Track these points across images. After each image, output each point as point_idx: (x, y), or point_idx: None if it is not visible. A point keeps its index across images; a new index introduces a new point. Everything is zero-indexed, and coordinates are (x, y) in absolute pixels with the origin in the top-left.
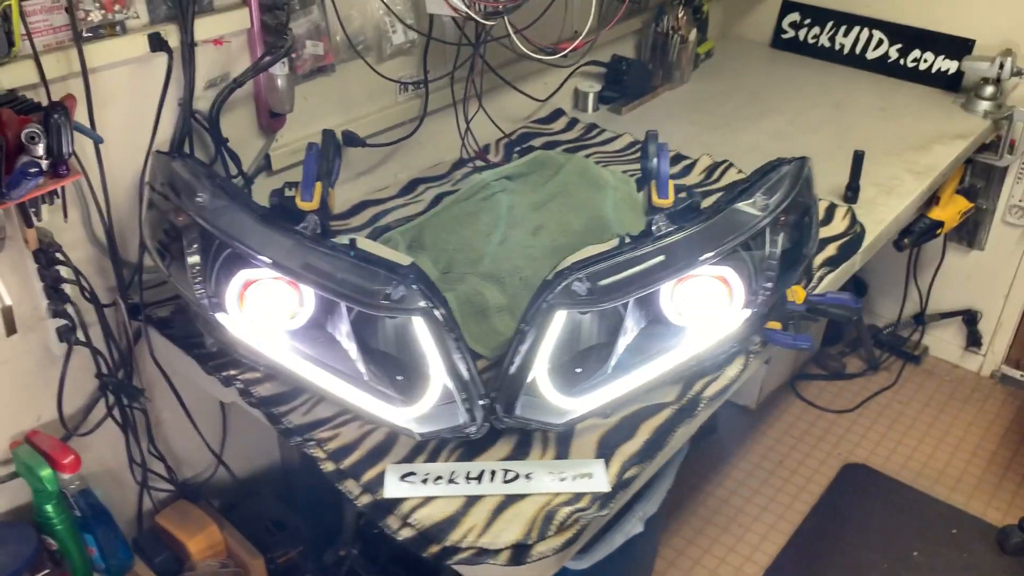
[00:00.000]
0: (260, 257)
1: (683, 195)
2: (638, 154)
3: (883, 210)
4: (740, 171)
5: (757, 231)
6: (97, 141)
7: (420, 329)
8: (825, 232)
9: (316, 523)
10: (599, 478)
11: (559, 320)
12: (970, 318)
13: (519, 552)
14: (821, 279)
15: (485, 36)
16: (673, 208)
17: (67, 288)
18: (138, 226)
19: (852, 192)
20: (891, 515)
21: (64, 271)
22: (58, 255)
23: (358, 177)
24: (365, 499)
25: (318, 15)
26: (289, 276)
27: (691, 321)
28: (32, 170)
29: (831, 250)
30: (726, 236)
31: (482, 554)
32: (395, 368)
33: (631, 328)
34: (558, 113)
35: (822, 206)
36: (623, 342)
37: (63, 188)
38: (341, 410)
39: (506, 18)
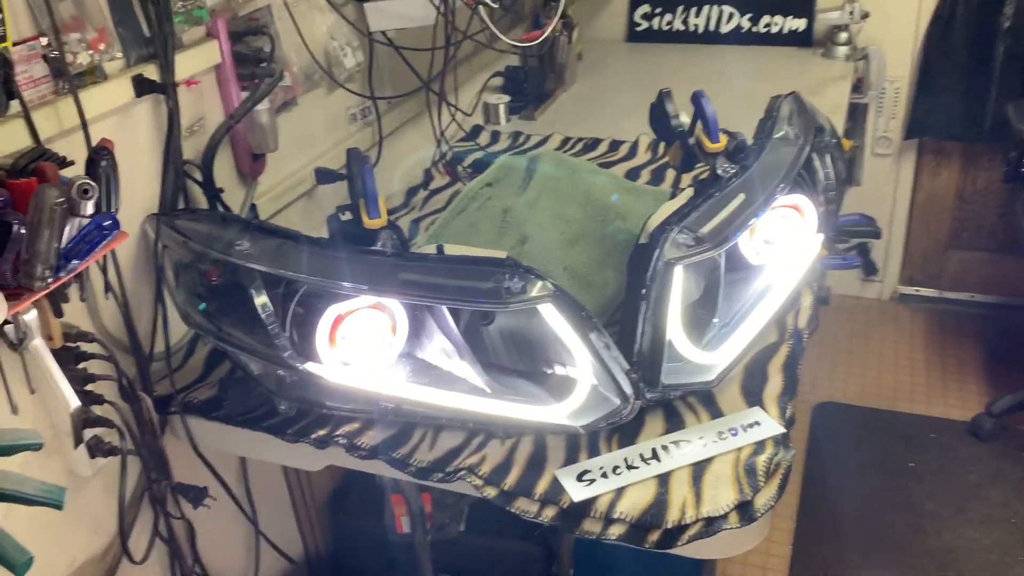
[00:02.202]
0: (354, 285)
1: (728, 138)
2: (576, 149)
3: None
4: None
5: (807, 156)
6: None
7: (550, 316)
8: None
9: None
10: (767, 423)
11: (679, 276)
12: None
13: (745, 510)
14: None
15: (459, 40)
16: (727, 149)
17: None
18: (154, 301)
19: None
20: (875, 437)
21: (97, 366)
22: (87, 347)
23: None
24: (550, 512)
25: (275, 44)
26: (396, 296)
27: (769, 258)
28: (107, 223)
29: None
30: (784, 165)
31: (712, 523)
32: (509, 374)
33: (723, 278)
34: (478, 129)
35: None
36: (722, 291)
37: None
38: (469, 435)
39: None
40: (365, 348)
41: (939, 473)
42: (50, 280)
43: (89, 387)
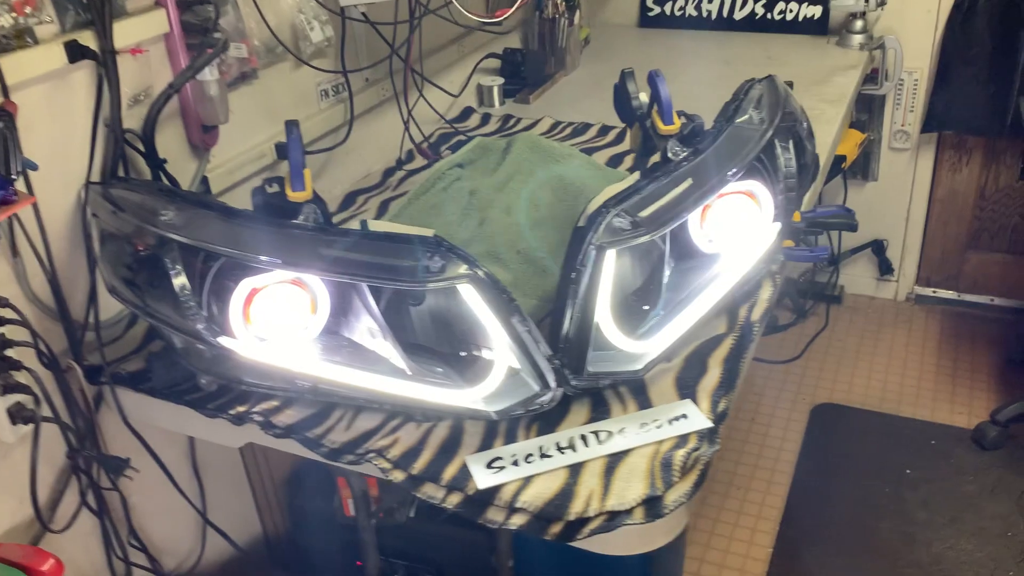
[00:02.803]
0: (269, 259)
1: (683, 120)
2: (565, 133)
3: (819, 135)
4: None
5: (768, 142)
6: (31, 168)
7: (470, 297)
8: None
9: None
10: (695, 416)
11: (610, 261)
12: (878, 247)
13: (652, 506)
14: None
15: (422, 14)
16: (681, 132)
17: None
18: (87, 270)
19: None
20: (873, 441)
21: (14, 331)
22: (4, 312)
23: None
24: (454, 499)
25: (234, 16)
26: (309, 272)
27: (722, 246)
28: None
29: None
30: (743, 150)
31: (615, 517)
32: (434, 357)
33: (669, 265)
34: (469, 111)
35: None
36: (666, 280)
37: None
38: (387, 417)
39: None
40: (282, 324)
41: (936, 481)
42: None
43: (9, 352)
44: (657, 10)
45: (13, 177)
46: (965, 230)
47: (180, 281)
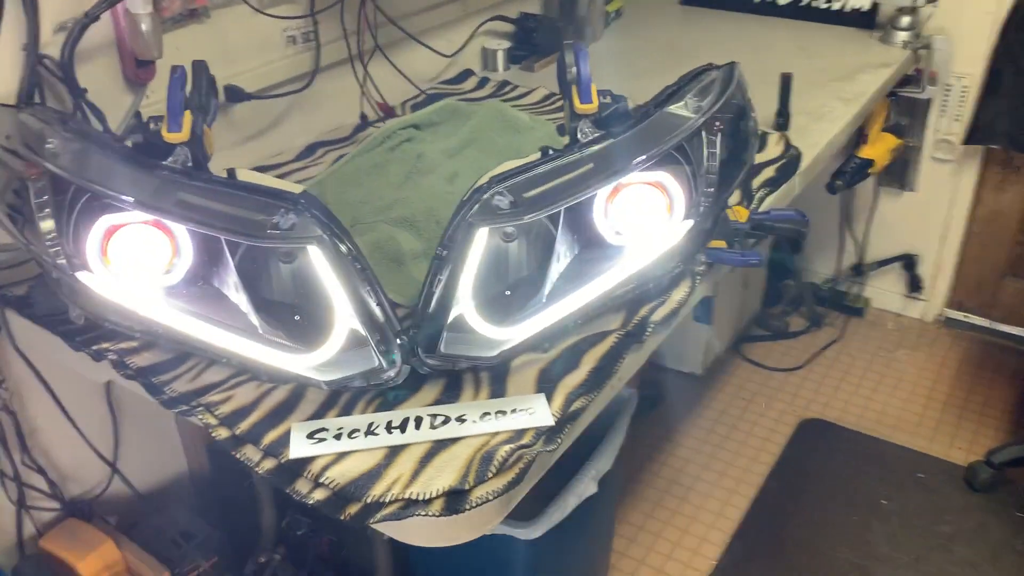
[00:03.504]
0: (122, 197)
1: (607, 100)
2: (556, 104)
3: (816, 135)
4: None
5: (692, 133)
6: None
7: (317, 260)
8: (760, 158)
9: (233, 532)
10: (541, 412)
11: (481, 239)
12: (909, 263)
13: (455, 499)
14: (762, 200)
15: None
16: (598, 114)
17: None
18: None
19: (783, 119)
20: (855, 466)
21: None
22: None
23: (247, 141)
24: (268, 464)
25: None
26: (158, 215)
27: (630, 240)
28: None
29: (769, 172)
30: (659, 139)
31: (410, 505)
32: (293, 316)
33: (565, 254)
34: (467, 73)
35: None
36: (557, 268)
37: None
38: (235, 373)
39: None
40: (139, 265)
41: (911, 516)
42: None
43: None
44: None
45: None
46: (1005, 255)
47: (43, 212)
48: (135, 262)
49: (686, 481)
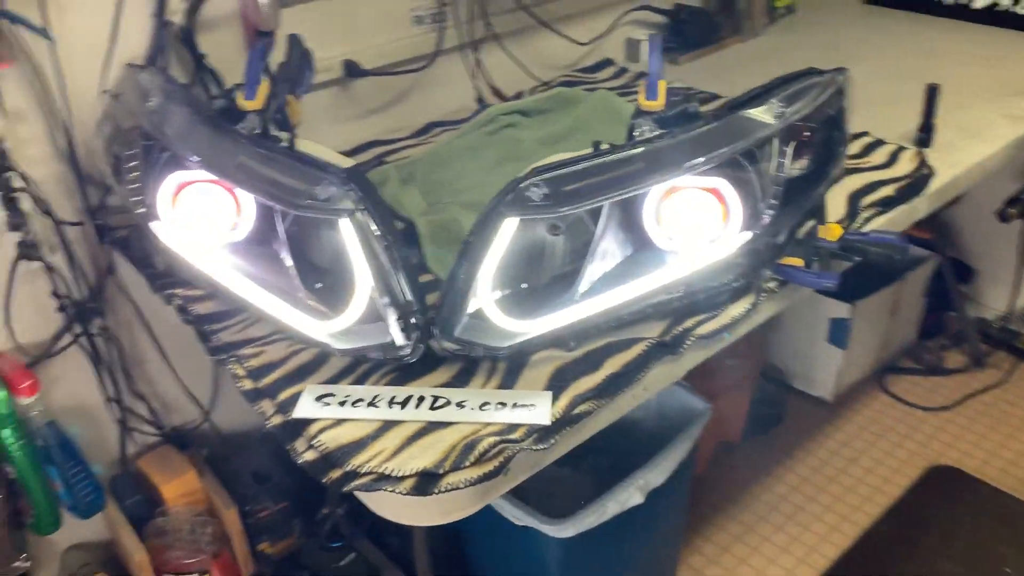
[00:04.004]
0: (190, 157)
1: (677, 99)
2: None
3: (963, 154)
4: None
5: (763, 141)
6: (45, 37)
7: (346, 232)
8: (884, 175)
9: (306, 483)
10: (540, 410)
11: (508, 229)
12: None
13: (425, 481)
14: (868, 220)
15: None
16: (664, 113)
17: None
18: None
19: (924, 133)
20: (983, 524)
21: (17, 179)
22: (9, 161)
23: (368, 115)
24: (277, 419)
25: None
26: (216, 174)
27: (682, 246)
28: None
29: (887, 191)
30: (722, 143)
31: (382, 480)
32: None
33: (612, 253)
34: (606, 63)
35: (887, 150)
36: (597, 266)
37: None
38: (274, 330)
39: None
40: (201, 221)
41: None
42: None
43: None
44: None
45: None
46: None
47: (132, 164)
48: (201, 217)
49: (787, 509)
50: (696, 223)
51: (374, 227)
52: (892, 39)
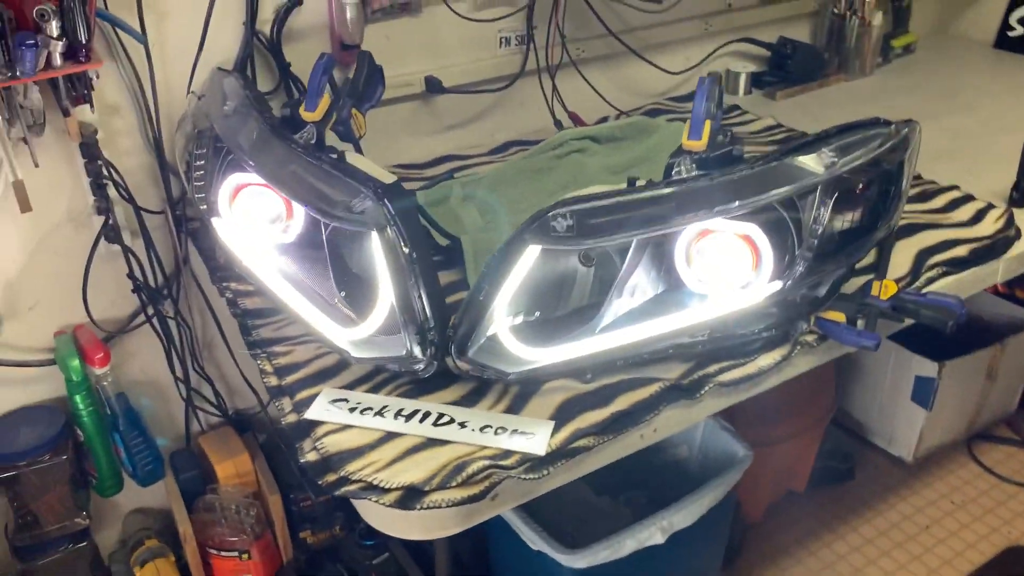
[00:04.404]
0: (248, 161)
1: (722, 139)
2: (774, 137)
3: None
4: None
5: (805, 191)
6: (139, 40)
7: (375, 246)
8: (963, 233)
9: None
10: (538, 439)
11: (530, 256)
12: None
13: (409, 496)
14: (932, 281)
15: None
16: (706, 153)
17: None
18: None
19: (1019, 192)
20: None
21: (105, 168)
22: (99, 151)
23: (448, 130)
24: (291, 418)
25: None
26: (266, 179)
27: (713, 290)
28: (28, 42)
29: (960, 251)
30: (762, 189)
31: (369, 489)
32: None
33: (642, 289)
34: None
35: (974, 207)
36: (625, 302)
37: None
38: (306, 332)
39: None
40: (253, 220)
41: None
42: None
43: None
44: (1020, 31)
45: (81, 41)
46: None
47: (199, 162)
48: (255, 218)
49: (844, 569)
50: (725, 268)
51: (403, 243)
52: (1012, 86)
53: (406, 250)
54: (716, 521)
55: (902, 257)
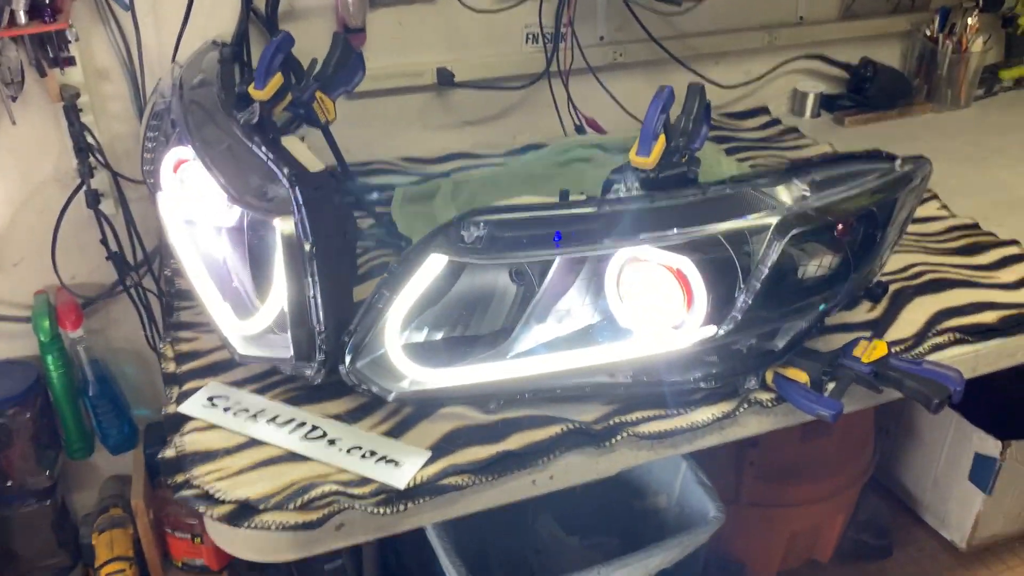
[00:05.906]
0: (186, 134)
1: (681, 160)
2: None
3: None
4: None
5: (759, 227)
6: (124, 8)
7: (276, 236)
8: (1001, 296)
9: None
10: (402, 471)
11: (431, 266)
12: None
13: (241, 513)
14: (940, 347)
15: None
16: (653, 172)
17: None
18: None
19: None
20: None
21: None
22: (76, 114)
23: (464, 126)
24: (171, 408)
25: None
26: (197, 154)
27: (638, 326)
28: None
29: (986, 316)
30: (696, 220)
31: (204, 498)
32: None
33: (573, 317)
34: (758, 111)
35: (1021, 269)
36: (549, 329)
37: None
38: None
39: None
40: (189, 198)
41: None
42: None
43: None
44: None
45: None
46: None
47: (151, 134)
48: (189, 193)
49: None
50: (652, 303)
51: (304, 235)
52: None
53: (307, 245)
54: None
55: (917, 315)
